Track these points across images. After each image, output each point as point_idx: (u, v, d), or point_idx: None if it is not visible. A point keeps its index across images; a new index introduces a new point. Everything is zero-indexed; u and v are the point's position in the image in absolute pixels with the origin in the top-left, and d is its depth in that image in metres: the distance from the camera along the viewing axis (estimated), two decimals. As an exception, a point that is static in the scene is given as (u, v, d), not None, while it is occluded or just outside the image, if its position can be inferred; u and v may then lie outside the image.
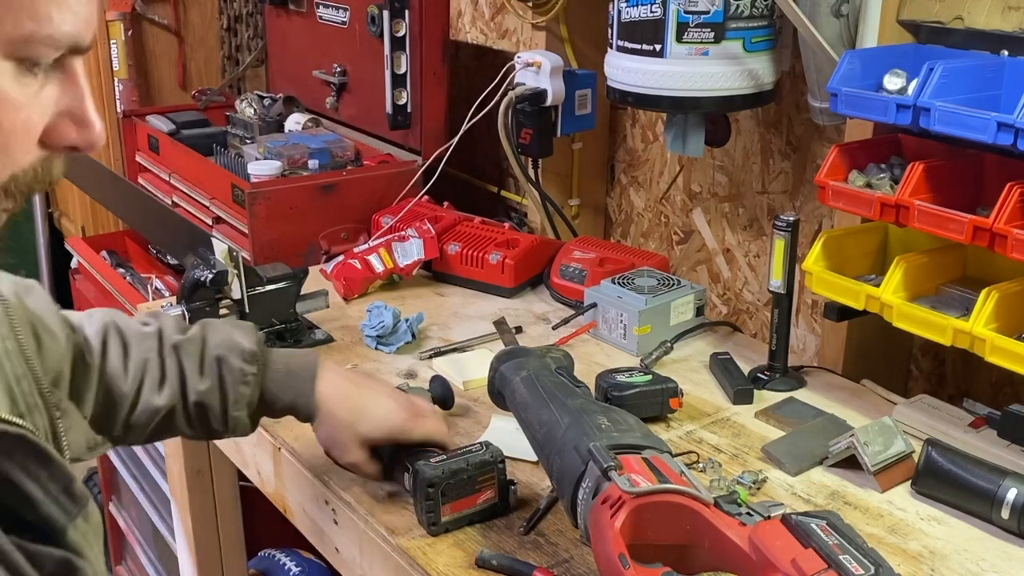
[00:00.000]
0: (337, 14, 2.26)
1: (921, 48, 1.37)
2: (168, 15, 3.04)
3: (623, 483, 0.92)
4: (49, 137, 0.67)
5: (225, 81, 2.99)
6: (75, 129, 0.67)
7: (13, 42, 0.61)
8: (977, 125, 1.15)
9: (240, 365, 1.09)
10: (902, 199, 1.24)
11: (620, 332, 1.55)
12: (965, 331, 1.18)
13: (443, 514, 1.10)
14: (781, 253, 1.39)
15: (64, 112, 0.67)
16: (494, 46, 2.33)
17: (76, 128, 0.67)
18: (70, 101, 0.67)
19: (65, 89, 0.67)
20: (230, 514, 1.80)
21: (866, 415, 1.34)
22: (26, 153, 0.66)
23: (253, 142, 2.25)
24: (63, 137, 0.67)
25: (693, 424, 1.34)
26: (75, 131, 0.67)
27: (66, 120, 0.67)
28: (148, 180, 2.43)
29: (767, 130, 1.78)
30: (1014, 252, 1.13)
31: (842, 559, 0.84)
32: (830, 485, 1.21)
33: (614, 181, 2.13)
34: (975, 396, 1.39)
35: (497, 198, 2.30)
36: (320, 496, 1.23)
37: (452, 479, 1.09)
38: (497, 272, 1.76)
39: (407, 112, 2.07)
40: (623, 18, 1.57)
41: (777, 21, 1.55)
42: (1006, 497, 1.09)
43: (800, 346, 1.77)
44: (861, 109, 1.28)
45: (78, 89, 0.67)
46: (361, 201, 1.99)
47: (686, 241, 1.99)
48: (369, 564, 1.16)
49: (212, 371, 1.09)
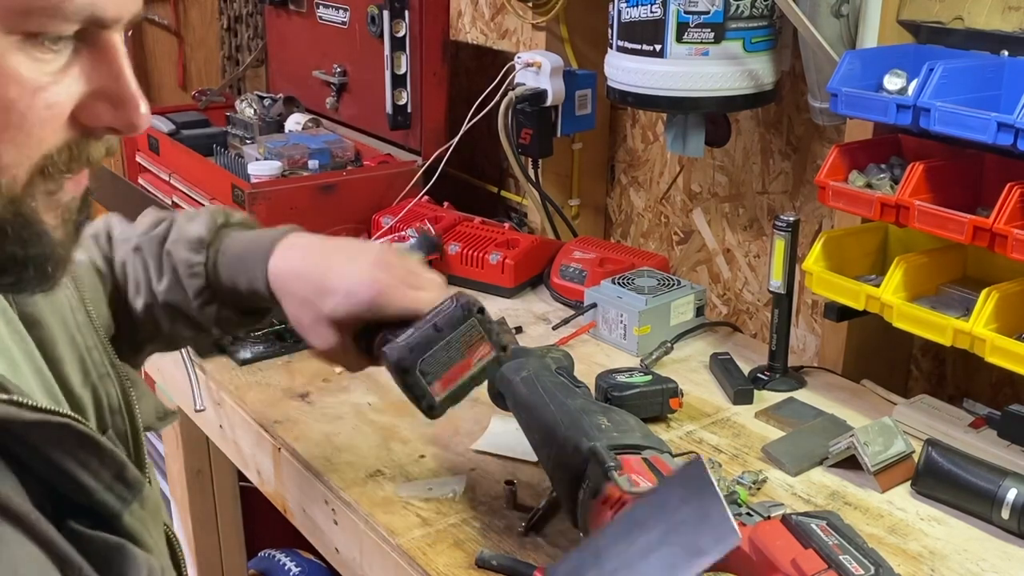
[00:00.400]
0: (337, 14, 2.26)
1: (921, 48, 1.37)
2: (168, 15, 3.04)
3: (623, 483, 0.92)
4: (83, 117, 0.63)
5: (225, 81, 2.99)
6: (111, 110, 0.63)
7: (12, 14, 0.57)
8: (977, 125, 1.15)
9: (186, 256, 1.01)
10: (902, 199, 1.24)
11: (620, 332, 1.55)
12: (965, 331, 1.18)
13: (435, 394, 0.94)
14: (781, 253, 1.39)
15: (98, 91, 0.62)
16: (494, 46, 2.33)
17: (113, 108, 0.63)
18: (103, 79, 0.62)
19: (96, 66, 0.62)
20: (230, 514, 1.80)
21: (866, 415, 1.34)
22: (55, 132, 0.62)
23: (253, 142, 2.25)
24: (98, 118, 0.63)
25: (693, 424, 1.35)
26: (111, 112, 0.63)
27: (101, 100, 0.63)
28: (148, 180, 2.43)
29: (767, 130, 1.78)
30: (1014, 252, 1.13)
31: (842, 559, 0.84)
32: (830, 485, 1.21)
33: (614, 181, 2.13)
34: (975, 396, 1.39)
35: (497, 198, 2.30)
36: (320, 496, 1.23)
37: (426, 352, 0.93)
38: (497, 272, 1.76)
39: (407, 112, 2.07)
40: (623, 18, 1.57)
41: (777, 21, 1.55)
42: (1006, 497, 1.09)
43: (800, 346, 1.77)
44: (861, 109, 1.28)
45: (113, 66, 0.63)
46: (361, 201, 1.98)
47: (686, 241, 1.99)
48: (369, 564, 1.16)
49: (167, 267, 1.02)
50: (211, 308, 1.03)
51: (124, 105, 0.63)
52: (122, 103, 0.63)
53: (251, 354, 1.51)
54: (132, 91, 0.63)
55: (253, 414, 1.38)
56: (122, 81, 0.63)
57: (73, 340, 0.79)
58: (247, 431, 1.40)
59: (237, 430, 1.43)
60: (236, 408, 1.41)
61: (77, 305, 0.82)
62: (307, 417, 1.36)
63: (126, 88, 0.63)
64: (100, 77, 0.62)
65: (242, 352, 1.52)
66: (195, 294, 1.02)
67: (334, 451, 1.28)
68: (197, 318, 1.03)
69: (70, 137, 0.63)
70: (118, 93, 0.63)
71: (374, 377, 1.47)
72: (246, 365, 1.50)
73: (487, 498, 1.17)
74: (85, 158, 0.64)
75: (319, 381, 1.46)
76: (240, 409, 1.40)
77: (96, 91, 0.62)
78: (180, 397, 1.61)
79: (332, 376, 1.47)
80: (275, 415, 1.37)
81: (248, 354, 1.51)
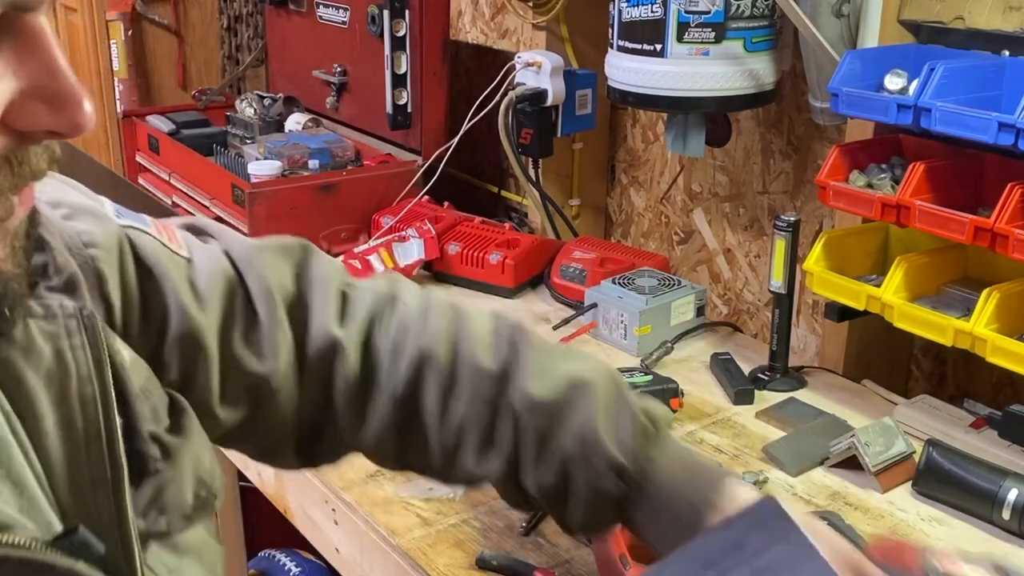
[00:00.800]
0: (337, 14, 2.26)
1: (922, 48, 1.37)
2: (168, 15, 3.04)
3: (624, 484, 0.91)
4: (16, 121, 0.52)
5: (225, 81, 2.99)
6: (47, 110, 0.52)
7: None
8: (978, 125, 1.15)
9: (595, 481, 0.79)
10: (903, 199, 1.24)
11: (621, 332, 1.55)
12: (966, 331, 1.18)
13: None
14: (782, 253, 1.39)
15: (29, 89, 0.52)
16: (494, 46, 2.33)
17: (49, 108, 0.52)
18: (34, 75, 0.52)
19: (23, 59, 0.51)
20: (230, 514, 1.80)
21: (867, 415, 1.34)
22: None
23: (253, 142, 2.25)
24: (33, 120, 0.52)
25: (694, 424, 1.34)
26: (48, 112, 0.52)
27: (34, 99, 0.52)
28: (148, 180, 2.43)
29: (768, 130, 1.78)
30: (1015, 252, 1.13)
31: (843, 560, 0.84)
32: (831, 485, 1.21)
33: (614, 181, 2.13)
34: (976, 396, 1.39)
35: (497, 198, 2.30)
36: (320, 496, 1.23)
37: None
38: (497, 272, 1.76)
39: (407, 112, 2.07)
40: (624, 18, 1.57)
41: (778, 21, 1.55)
42: (1007, 498, 1.09)
43: (801, 346, 1.77)
44: (862, 109, 1.28)
45: (44, 57, 0.52)
46: (361, 201, 1.98)
47: (687, 241, 1.99)
48: (369, 564, 1.15)
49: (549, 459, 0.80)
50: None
51: (63, 103, 0.52)
52: (60, 100, 0.52)
53: (251, 354, 1.51)
54: (70, 85, 0.52)
55: (253, 414, 1.37)
56: (58, 75, 0.52)
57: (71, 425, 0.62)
58: (247, 431, 1.39)
59: (237, 430, 1.43)
60: (236, 408, 1.41)
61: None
62: (307, 417, 1.36)
63: (63, 82, 0.52)
64: (30, 72, 0.52)
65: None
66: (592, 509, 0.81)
67: (334, 451, 1.28)
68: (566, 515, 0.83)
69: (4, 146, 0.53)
70: (54, 89, 0.52)
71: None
72: (246, 365, 1.49)
73: (487, 498, 1.17)
74: (28, 171, 0.54)
75: (319, 381, 1.45)
76: (240, 409, 1.40)
77: (27, 89, 0.52)
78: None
79: (332, 376, 1.46)
80: (275, 415, 1.36)
81: (248, 354, 1.50)
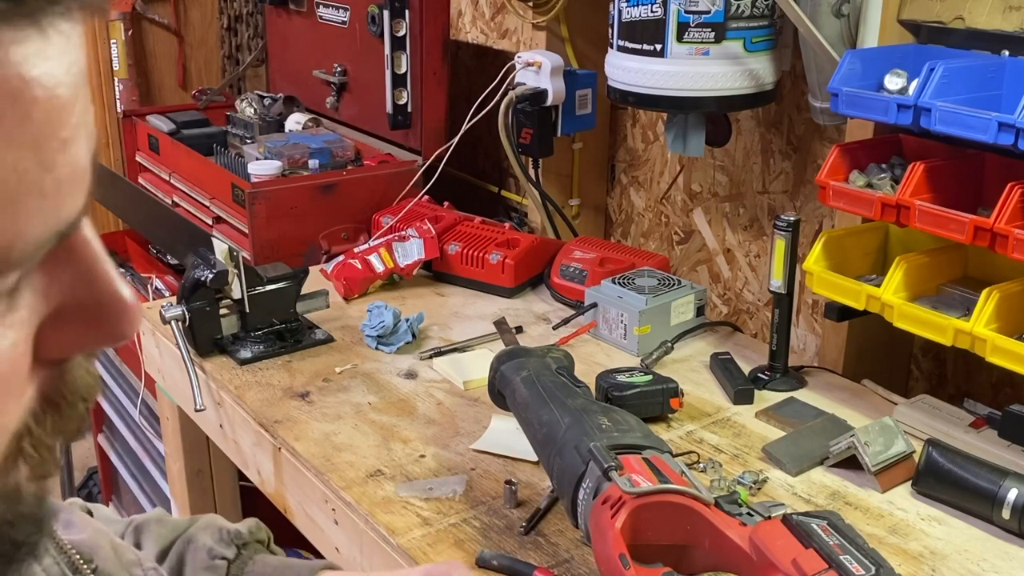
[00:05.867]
0: (337, 14, 2.26)
1: (922, 48, 1.37)
2: (168, 15, 3.04)
3: (624, 483, 0.92)
4: (48, 352, 0.40)
5: (225, 81, 2.99)
6: (83, 328, 0.41)
7: None
8: (978, 125, 1.15)
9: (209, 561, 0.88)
10: (903, 199, 1.24)
11: (620, 332, 1.55)
12: (966, 331, 1.18)
13: None
14: (782, 253, 1.39)
15: (63, 308, 0.40)
16: (494, 46, 2.33)
17: (85, 325, 0.41)
18: (70, 289, 0.40)
19: (57, 274, 0.40)
20: (230, 514, 1.80)
21: (867, 415, 1.34)
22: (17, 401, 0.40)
23: (253, 142, 2.25)
24: (67, 346, 0.41)
25: (693, 424, 1.34)
26: (83, 330, 0.41)
27: (67, 320, 0.40)
28: (148, 180, 2.43)
29: (768, 130, 1.78)
30: (1015, 252, 1.13)
31: (843, 559, 0.84)
32: (831, 485, 1.21)
33: (614, 181, 2.13)
34: (975, 396, 1.39)
35: (497, 198, 2.30)
36: (320, 496, 1.23)
37: None
38: (497, 272, 1.76)
39: (407, 112, 2.07)
40: (624, 18, 1.57)
41: (778, 21, 1.55)
42: (1007, 497, 1.09)
43: (800, 346, 1.77)
44: (862, 109, 1.28)
45: (83, 266, 0.41)
46: (361, 201, 1.99)
47: (686, 241, 1.99)
48: (369, 564, 1.15)
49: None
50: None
51: (103, 315, 0.41)
52: (99, 312, 0.41)
53: (251, 354, 1.51)
54: (113, 291, 0.41)
55: (253, 414, 1.38)
56: (98, 283, 0.41)
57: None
58: (247, 431, 1.40)
59: (237, 430, 1.43)
60: (236, 408, 1.41)
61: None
62: (307, 417, 1.36)
63: (106, 290, 0.41)
64: (64, 287, 0.40)
65: (242, 352, 1.51)
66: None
67: (334, 451, 1.28)
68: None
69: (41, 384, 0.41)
70: (93, 301, 0.41)
71: (374, 377, 1.47)
72: (246, 365, 1.50)
73: (487, 498, 1.17)
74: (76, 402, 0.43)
75: (319, 381, 1.46)
76: (240, 409, 1.40)
77: (60, 308, 0.40)
78: (180, 397, 1.61)
79: (332, 376, 1.47)
80: (275, 415, 1.37)
81: (248, 354, 1.51)
